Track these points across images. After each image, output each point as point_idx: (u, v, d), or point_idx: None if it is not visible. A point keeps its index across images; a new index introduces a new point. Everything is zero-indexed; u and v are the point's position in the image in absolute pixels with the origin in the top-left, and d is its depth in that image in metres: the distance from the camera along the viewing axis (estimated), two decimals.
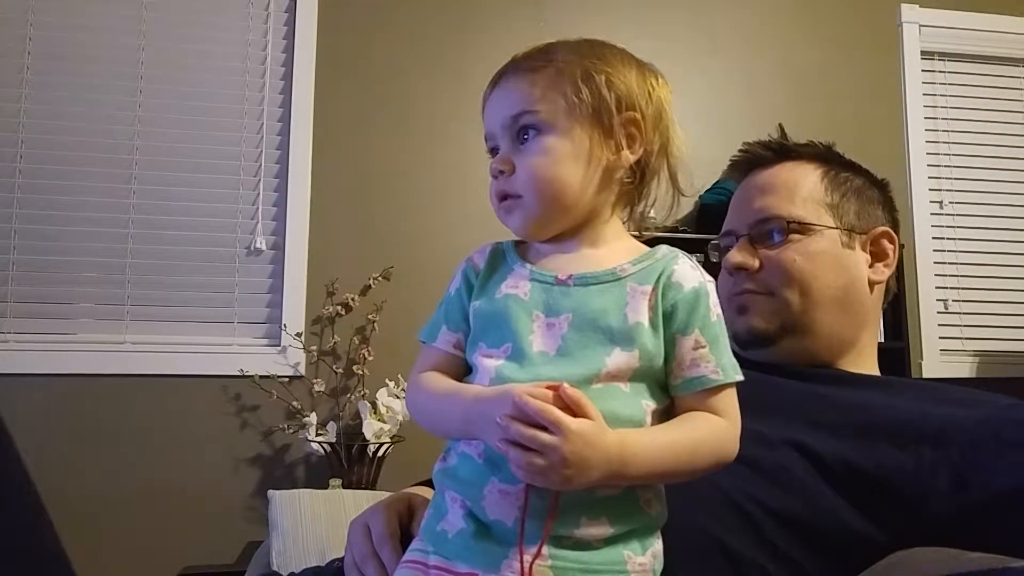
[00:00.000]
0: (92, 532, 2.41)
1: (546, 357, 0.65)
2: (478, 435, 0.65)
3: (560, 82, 0.70)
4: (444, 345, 0.72)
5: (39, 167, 2.63)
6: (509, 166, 0.71)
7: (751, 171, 1.12)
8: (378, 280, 2.70)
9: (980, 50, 3.37)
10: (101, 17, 2.73)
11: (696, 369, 0.67)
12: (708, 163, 2.83)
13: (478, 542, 0.64)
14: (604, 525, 0.63)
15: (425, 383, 0.71)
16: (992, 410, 0.88)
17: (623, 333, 0.66)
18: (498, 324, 0.68)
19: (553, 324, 0.66)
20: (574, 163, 0.69)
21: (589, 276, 0.68)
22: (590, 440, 0.59)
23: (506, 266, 0.72)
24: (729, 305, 1.08)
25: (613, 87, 0.70)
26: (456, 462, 0.68)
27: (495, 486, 0.64)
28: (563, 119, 0.69)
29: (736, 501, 0.83)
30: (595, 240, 0.72)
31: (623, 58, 0.74)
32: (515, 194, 0.71)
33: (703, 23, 3.17)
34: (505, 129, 0.71)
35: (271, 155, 2.78)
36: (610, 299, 0.67)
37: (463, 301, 0.72)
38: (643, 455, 0.62)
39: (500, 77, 0.73)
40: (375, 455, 2.47)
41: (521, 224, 0.71)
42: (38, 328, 2.57)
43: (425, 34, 2.92)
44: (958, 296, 3.23)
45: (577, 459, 0.59)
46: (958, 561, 0.71)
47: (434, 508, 0.69)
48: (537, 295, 0.68)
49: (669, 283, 0.68)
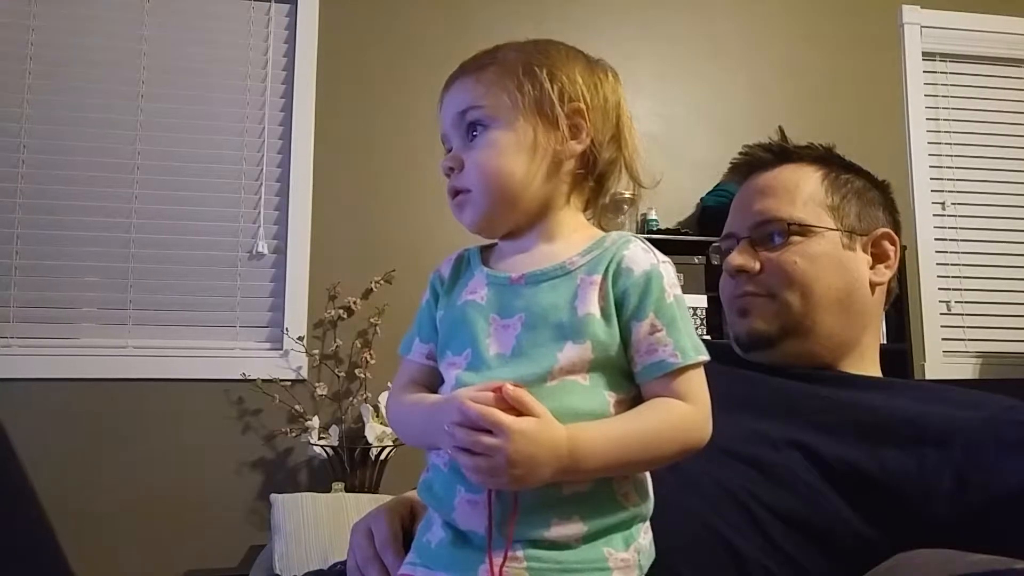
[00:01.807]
0: (94, 536, 2.41)
1: (502, 359, 0.66)
2: (436, 444, 0.66)
3: (503, 77, 0.71)
4: (418, 357, 0.73)
5: (42, 172, 2.64)
6: (458, 162, 0.72)
7: (751, 173, 1.12)
8: (380, 283, 2.71)
9: (982, 51, 3.37)
10: (103, 22, 2.74)
11: (654, 354, 0.65)
12: (710, 165, 2.87)
13: (457, 549, 0.65)
14: (577, 524, 0.63)
15: (400, 396, 0.73)
16: (994, 411, 0.88)
17: (573, 326, 0.65)
18: (459, 331, 0.69)
19: (507, 325, 0.67)
20: (518, 154, 0.70)
21: (539, 273, 0.68)
22: (534, 438, 0.59)
23: (468, 272, 0.73)
24: (730, 307, 1.08)
25: (555, 79, 0.71)
26: (431, 475, 0.69)
27: (463, 496, 0.64)
28: (506, 112, 0.70)
29: (741, 500, 0.83)
30: (550, 234, 0.72)
31: (569, 54, 0.75)
32: (464, 189, 0.71)
33: (705, 26, 3.18)
34: (455, 127, 0.73)
35: (272, 159, 2.78)
36: (560, 294, 0.67)
37: (432, 312, 0.73)
38: (595, 448, 0.62)
39: (450, 80, 0.75)
40: (377, 458, 2.47)
41: (472, 219, 0.72)
42: (40, 332, 2.58)
43: (426, 38, 2.92)
44: (960, 298, 3.22)
45: (523, 458, 0.59)
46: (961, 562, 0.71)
47: (425, 520, 0.70)
48: (493, 298, 0.69)
49: (619, 269, 0.67)
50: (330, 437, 2.49)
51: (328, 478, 2.49)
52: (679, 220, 2.97)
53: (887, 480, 0.84)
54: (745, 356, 1.07)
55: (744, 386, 0.99)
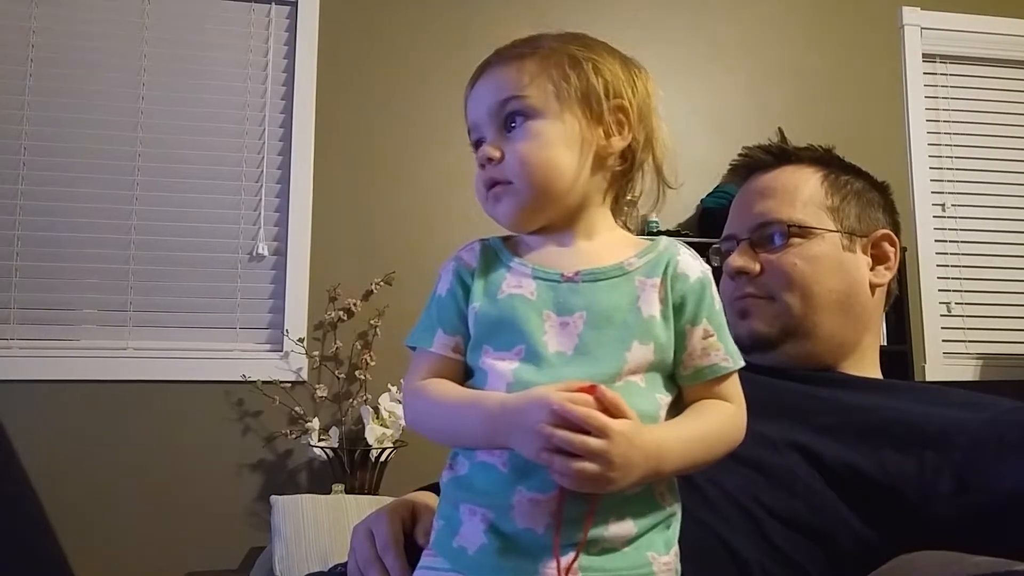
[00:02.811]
0: (95, 538, 2.41)
1: (564, 357, 0.64)
2: (507, 444, 0.61)
3: (547, 67, 0.69)
4: (441, 349, 0.68)
5: (42, 174, 2.64)
6: (499, 152, 0.69)
7: (751, 175, 1.12)
8: (380, 285, 2.71)
9: (982, 52, 3.37)
10: (103, 24, 2.74)
11: (708, 358, 0.67)
12: (710, 166, 2.86)
13: (505, 559, 0.62)
14: (628, 524, 0.63)
15: (431, 391, 0.67)
16: (995, 413, 0.88)
17: (639, 327, 0.65)
18: (506, 326, 0.66)
19: (567, 323, 0.65)
20: (566, 147, 0.68)
21: (598, 272, 0.67)
22: (633, 441, 0.59)
23: (501, 264, 0.70)
24: (731, 309, 1.08)
25: (600, 73, 0.70)
26: (469, 472, 0.66)
27: (524, 495, 0.61)
28: (552, 103, 0.68)
29: (741, 503, 0.83)
30: (588, 231, 0.71)
31: (607, 48, 0.74)
32: (505, 180, 0.69)
33: (705, 27, 3.18)
34: (492, 117, 0.70)
35: (273, 160, 2.78)
36: (621, 294, 0.66)
37: (458, 302, 0.69)
38: (677, 450, 0.63)
39: (485, 67, 0.73)
40: (378, 460, 2.47)
41: (510, 211, 0.69)
42: (41, 334, 2.58)
43: (426, 40, 2.92)
44: (961, 299, 3.22)
45: (623, 461, 0.58)
46: (962, 565, 0.71)
47: (445, 520, 0.66)
48: (545, 294, 0.66)
49: (676, 274, 0.68)
50: (330, 439, 2.49)
51: (328, 480, 2.49)
52: (679, 222, 2.97)
53: (887, 482, 0.84)
54: (745, 358, 1.06)
55: (744, 388, 0.99)
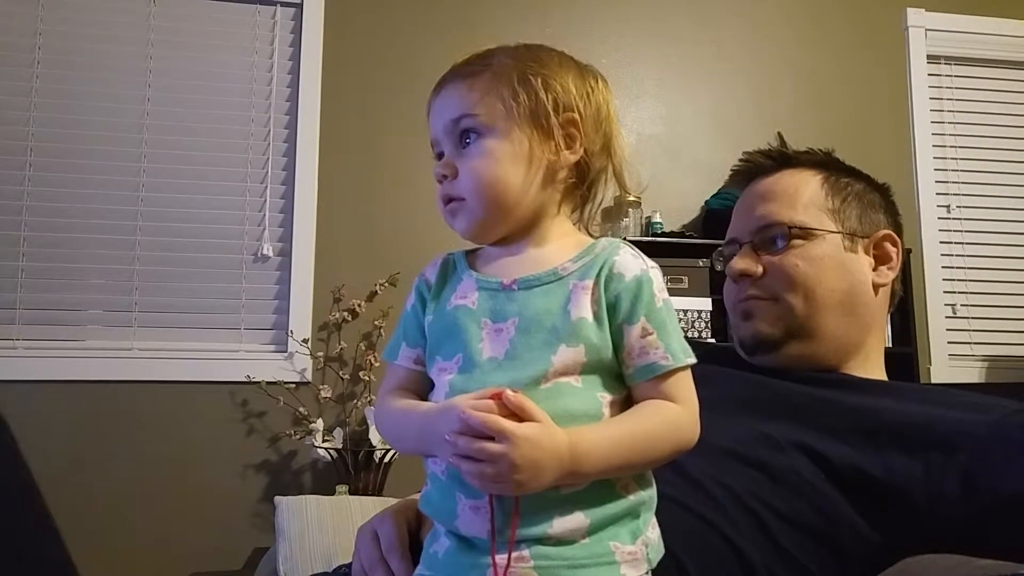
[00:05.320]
0: (99, 538, 2.41)
1: (495, 363, 0.66)
2: (433, 452, 0.67)
3: (498, 85, 0.71)
4: (405, 362, 0.73)
5: (48, 175, 2.65)
6: (452, 170, 0.72)
7: (752, 180, 1.13)
8: (384, 286, 2.71)
9: (987, 54, 3.35)
10: (109, 26, 2.75)
11: (646, 357, 0.67)
12: (714, 168, 2.86)
13: (462, 556, 0.65)
14: (578, 517, 0.64)
15: (387, 402, 0.73)
16: (1001, 415, 0.88)
17: (567, 330, 0.66)
18: (450, 336, 0.69)
19: (500, 329, 0.67)
20: (514, 164, 0.70)
21: (532, 279, 0.69)
22: (538, 443, 0.60)
23: (456, 277, 0.73)
24: (734, 311, 1.08)
25: (550, 89, 0.71)
26: (430, 487, 0.70)
27: (464, 503, 0.65)
28: (502, 121, 0.70)
29: (746, 503, 0.83)
30: (540, 240, 0.73)
31: (561, 61, 0.75)
32: (459, 197, 0.72)
33: (709, 30, 3.18)
34: (448, 134, 0.73)
35: (278, 161, 2.79)
36: (553, 299, 0.68)
37: (419, 316, 0.74)
38: (596, 451, 0.63)
39: (441, 84, 0.75)
40: (382, 461, 2.47)
41: (466, 227, 0.73)
42: (46, 335, 2.59)
43: (431, 41, 2.92)
44: (966, 301, 3.21)
45: (527, 463, 0.59)
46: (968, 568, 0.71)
47: (432, 532, 0.71)
48: (484, 303, 0.69)
49: (611, 275, 0.68)
50: (334, 439, 2.49)
51: (332, 480, 2.49)
52: (683, 223, 2.97)
53: (893, 484, 0.84)
54: (749, 359, 1.07)
55: (749, 389, 0.99)
